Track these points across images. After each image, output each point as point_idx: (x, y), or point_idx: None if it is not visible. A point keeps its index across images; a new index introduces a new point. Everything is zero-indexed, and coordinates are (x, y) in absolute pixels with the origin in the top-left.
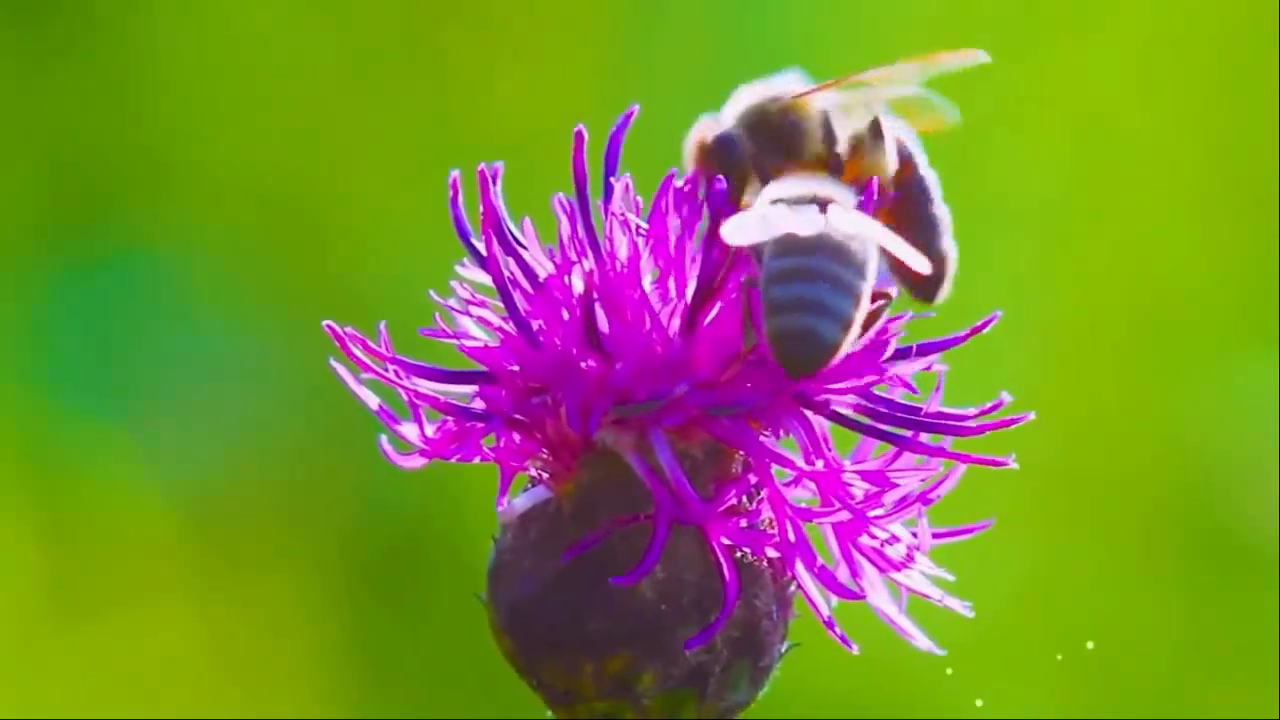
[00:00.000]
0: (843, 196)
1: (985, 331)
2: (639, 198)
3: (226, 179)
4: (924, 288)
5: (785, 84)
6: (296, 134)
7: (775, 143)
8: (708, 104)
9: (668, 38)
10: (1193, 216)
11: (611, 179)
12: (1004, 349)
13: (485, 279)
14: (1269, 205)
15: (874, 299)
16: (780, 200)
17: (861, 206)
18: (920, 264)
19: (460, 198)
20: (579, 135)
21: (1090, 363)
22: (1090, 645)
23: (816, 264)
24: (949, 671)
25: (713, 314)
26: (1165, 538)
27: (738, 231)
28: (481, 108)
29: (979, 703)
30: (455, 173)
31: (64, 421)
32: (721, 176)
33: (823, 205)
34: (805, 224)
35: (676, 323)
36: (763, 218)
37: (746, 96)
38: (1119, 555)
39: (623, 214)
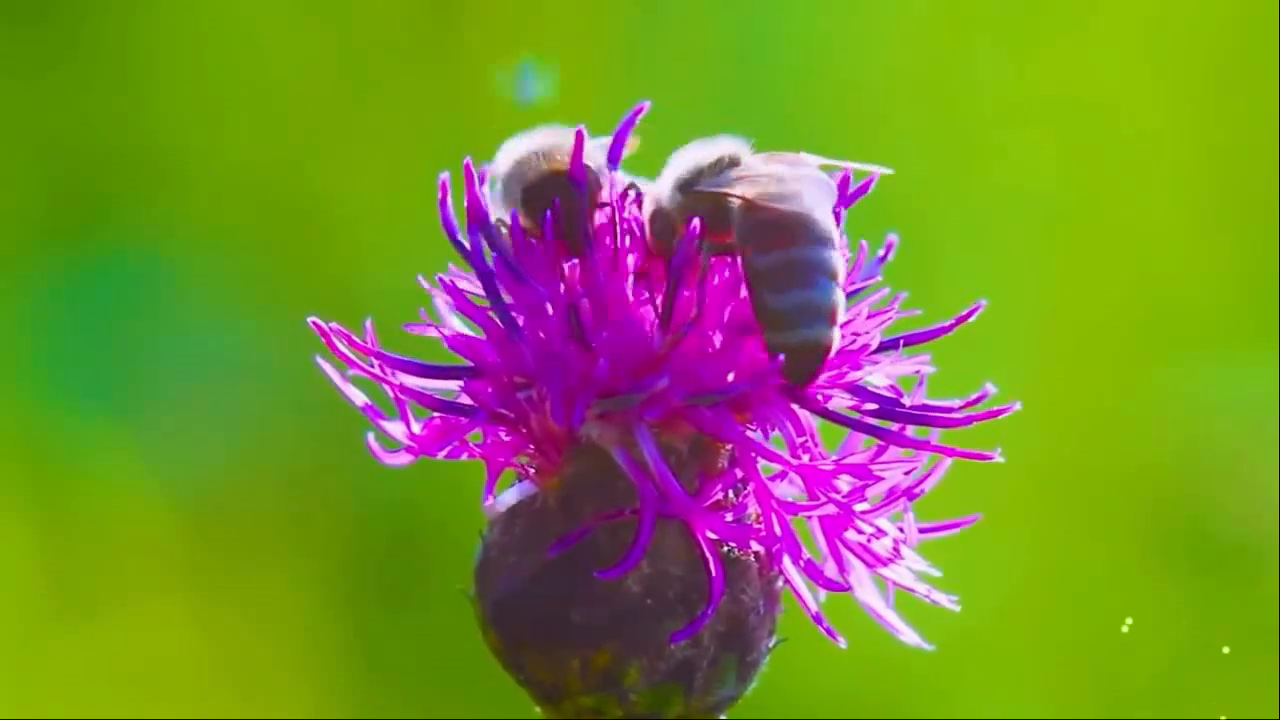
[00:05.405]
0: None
1: (970, 321)
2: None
3: (225, 179)
4: None
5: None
6: (296, 134)
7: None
8: (710, 104)
9: (671, 37)
10: (1193, 216)
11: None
12: (1003, 348)
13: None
14: (1269, 205)
15: None
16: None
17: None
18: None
19: (449, 198)
20: (579, 135)
21: (1089, 362)
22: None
23: (802, 255)
24: (944, 670)
25: (696, 308)
26: (1163, 537)
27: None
28: (482, 107)
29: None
30: (444, 175)
31: (63, 421)
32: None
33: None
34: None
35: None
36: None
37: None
38: (1117, 554)
39: (609, 209)
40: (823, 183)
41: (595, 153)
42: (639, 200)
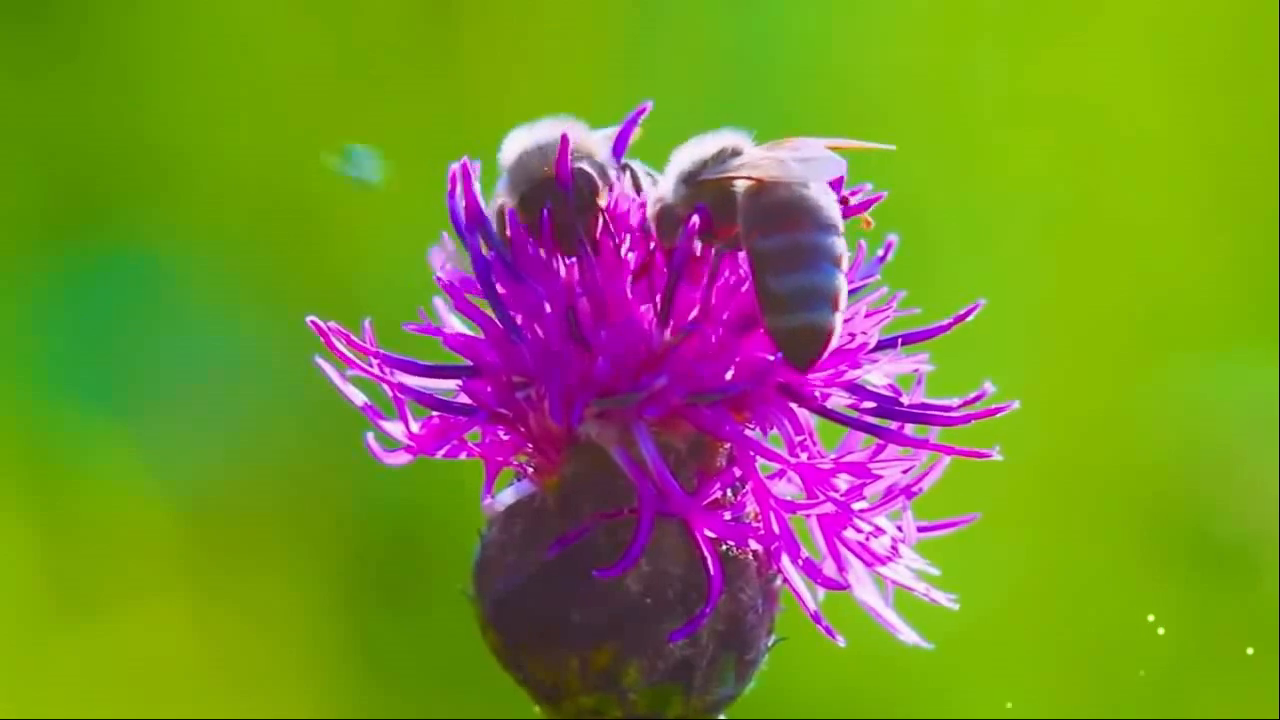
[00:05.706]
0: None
1: (969, 321)
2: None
3: (225, 179)
4: None
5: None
6: (296, 134)
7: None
8: (710, 104)
9: (671, 37)
10: (1193, 216)
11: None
12: (1003, 348)
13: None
14: (1269, 205)
15: None
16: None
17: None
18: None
19: (458, 191)
20: (564, 138)
21: (1089, 362)
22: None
23: (807, 240)
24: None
25: (698, 307)
26: (1163, 537)
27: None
28: (481, 107)
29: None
30: (454, 166)
31: (63, 421)
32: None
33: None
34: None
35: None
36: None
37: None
38: (1117, 554)
39: (606, 209)
40: (827, 163)
41: (601, 146)
42: (637, 184)
